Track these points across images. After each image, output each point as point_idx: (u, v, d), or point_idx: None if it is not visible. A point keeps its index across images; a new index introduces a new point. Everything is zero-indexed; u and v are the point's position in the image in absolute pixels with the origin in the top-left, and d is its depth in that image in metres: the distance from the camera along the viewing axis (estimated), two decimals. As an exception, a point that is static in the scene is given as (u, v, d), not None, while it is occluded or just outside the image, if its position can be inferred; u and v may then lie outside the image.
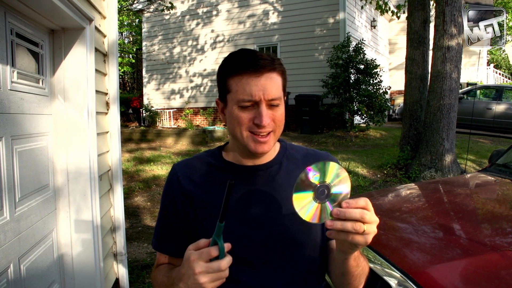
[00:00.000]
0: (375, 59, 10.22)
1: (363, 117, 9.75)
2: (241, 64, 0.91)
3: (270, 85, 0.90)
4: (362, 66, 9.73)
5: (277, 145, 1.07)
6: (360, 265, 0.91)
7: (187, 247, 1.04)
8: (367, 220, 0.73)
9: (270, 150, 0.96)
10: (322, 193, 0.74)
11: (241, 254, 0.94)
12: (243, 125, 0.92)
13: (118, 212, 2.77)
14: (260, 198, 0.98)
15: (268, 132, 0.93)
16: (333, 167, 0.76)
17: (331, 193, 0.75)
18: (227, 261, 0.78)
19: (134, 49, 17.97)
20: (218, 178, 1.01)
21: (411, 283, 1.39)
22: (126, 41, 20.28)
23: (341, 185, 0.76)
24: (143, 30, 13.57)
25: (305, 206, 0.74)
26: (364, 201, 0.74)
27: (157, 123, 12.66)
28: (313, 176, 0.74)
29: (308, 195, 0.74)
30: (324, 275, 1.09)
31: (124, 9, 12.83)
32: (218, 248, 0.78)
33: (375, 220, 0.74)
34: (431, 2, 7.24)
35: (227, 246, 0.80)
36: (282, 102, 0.94)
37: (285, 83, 0.97)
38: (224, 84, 0.95)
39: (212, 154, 1.07)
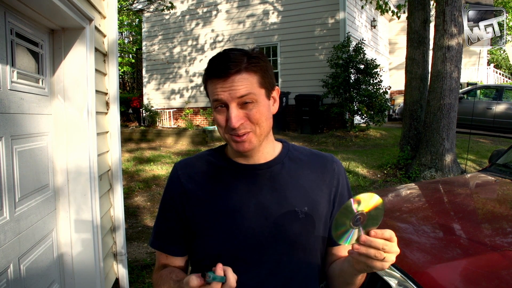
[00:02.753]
0: (375, 59, 10.21)
1: (363, 117, 9.74)
2: (211, 69, 0.92)
3: (237, 85, 0.90)
4: (362, 66, 9.73)
5: (279, 145, 1.06)
6: (364, 276, 0.97)
7: (186, 245, 1.04)
8: (388, 250, 0.79)
9: (255, 147, 0.95)
10: (358, 220, 0.82)
11: (236, 253, 0.94)
12: (221, 127, 0.94)
13: (118, 212, 2.77)
14: (259, 197, 0.97)
15: (245, 132, 0.92)
16: (377, 202, 0.83)
17: (365, 222, 0.83)
18: (232, 280, 0.77)
19: (134, 49, 17.96)
20: (219, 176, 1.01)
21: (411, 283, 1.39)
22: (126, 41, 20.27)
23: (376, 217, 0.84)
24: (143, 30, 13.56)
25: (340, 229, 0.83)
26: (389, 233, 0.81)
27: (157, 123, 12.66)
28: (356, 204, 0.82)
29: (346, 221, 0.82)
30: (323, 277, 1.08)
31: (124, 9, 12.82)
32: (218, 281, 0.76)
33: (396, 250, 0.81)
34: (431, 2, 7.23)
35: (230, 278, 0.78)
36: (259, 99, 0.92)
37: (264, 80, 0.94)
38: (205, 88, 0.98)
39: (213, 153, 1.07)
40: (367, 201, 0.82)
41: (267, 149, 1.01)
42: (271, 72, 0.97)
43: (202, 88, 12.57)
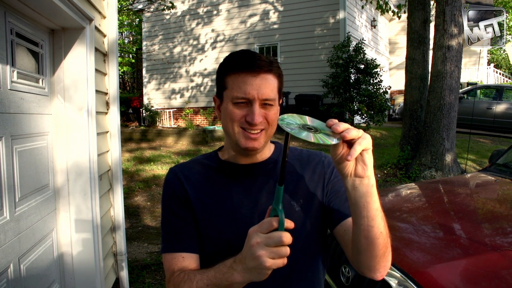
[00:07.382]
0: (375, 59, 10.22)
1: (363, 117, 9.75)
2: (239, 63, 0.93)
3: (265, 85, 0.93)
4: (362, 66, 9.73)
5: (272, 146, 1.09)
6: (379, 206, 0.84)
7: (198, 242, 1.03)
8: (349, 126, 0.76)
9: (261, 147, 0.98)
10: (312, 128, 0.78)
11: (236, 251, 0.94)
12: (235, 121, 0.95)
13: (118, 212, 2.77)
14: (256, 195, 1.00)
15: (260, 129, 0.95)
16: (293, 116, 0.80)
17: (317, 125, 0.79)
18: (289, 235, 0.74)
19: (134, 49, 17.97)
20: (215, 178, 1.03)
21: (411, 283, 1.39)
22: (126, 41, 20.27)
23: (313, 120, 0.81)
24: (143, 30, 13.56)
25: (323, 138, 0.75)
26: (329, 120, 0.78)
27: (157, 123, 12.66)
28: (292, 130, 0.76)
29: (323, 137, 0.75)
30: (325, 270, 1.08)
31: (124, 8, 12.82)
32: (278, 220, 0.74)
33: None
34: (432, 2, 7.23)
35: (290, 223, 0.76)
36: (276, 103, 0.96)
37: (281, 86, 0.98)
38: (222, 81, 0.97)
39: (208, 156, 1.09)
40: (292, 120, 0.79)
41: (264, 150, 1.04)
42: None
43: (202, 88, 12.58)
